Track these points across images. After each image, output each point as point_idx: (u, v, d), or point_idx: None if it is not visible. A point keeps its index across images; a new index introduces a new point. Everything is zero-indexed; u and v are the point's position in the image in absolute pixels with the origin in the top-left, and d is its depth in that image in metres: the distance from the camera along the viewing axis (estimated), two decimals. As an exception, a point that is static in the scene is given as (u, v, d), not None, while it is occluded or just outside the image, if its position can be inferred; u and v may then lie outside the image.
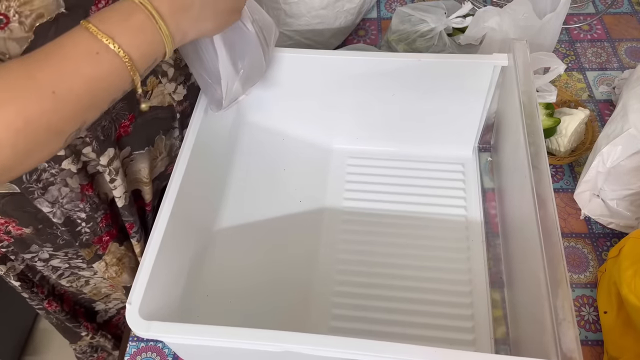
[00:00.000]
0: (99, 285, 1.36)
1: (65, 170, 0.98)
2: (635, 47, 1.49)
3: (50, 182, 0.98)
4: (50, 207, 1.01)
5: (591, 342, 1.01)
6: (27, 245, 1.12)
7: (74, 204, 1.04)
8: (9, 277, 1.19)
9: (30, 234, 1.08)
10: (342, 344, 0.71)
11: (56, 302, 1.33)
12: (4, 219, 1.04)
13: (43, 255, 1.17)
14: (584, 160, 1.15)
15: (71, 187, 1.01)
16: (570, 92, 1.38)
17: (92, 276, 1.31)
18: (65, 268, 1.24)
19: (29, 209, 1.02)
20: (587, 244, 1.13)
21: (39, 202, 0.99)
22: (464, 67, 1.03)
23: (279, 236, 1.11)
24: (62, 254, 1.18)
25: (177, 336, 0.75)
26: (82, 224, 1.09)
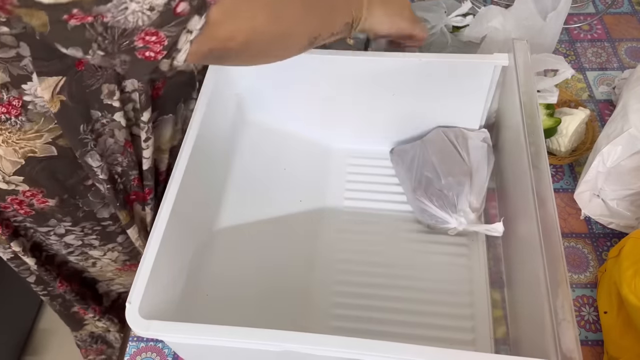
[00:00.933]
0: (105, 268, 1.38)
1: (116, 122, 1.01)
2: (635, 47, 1.49)
3: (100, 132, 1.01)
4: (99, 161, 1.03)
5: (591, 342, 1.01)
6: (46, 219, 1.13)
7: (114, 157, 1.06)
8: (26, 254, 1.19)
9: (53, 206, 1.09)
10: (342, 343, 0.71)
11: (67, 283, 1.34)
12: (32, 190, 1.04)
13: (59, 230, 1.18)
14: (584, 160, 1.15)
15: (116, 138, 1.04)
16: (571, 92, 1.37)
17: (101, 257, 1.32)
18: (77, 245, 1.25)
19: (59, 175, 1.03)
20: (587, 244, 1.13)
21: (91, 155, 1.01)
22: (465, 67, 1.03)
23: (279, 235, 1.11)
24: (78, 229, 1.18)
25: (177, 335, 0.75)
26: (117, 179, 1.11)
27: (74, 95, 0.92)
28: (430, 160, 1.09)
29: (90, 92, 0.95)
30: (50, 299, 1.41)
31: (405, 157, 1.15)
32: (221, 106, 1.06)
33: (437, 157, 1.09)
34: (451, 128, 1.13)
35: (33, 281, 1.31)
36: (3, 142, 0.94)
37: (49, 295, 1.38)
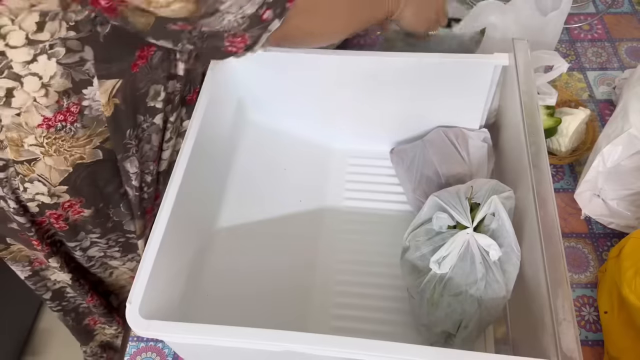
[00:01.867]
0: (120, 277, 1.39)
1: (155, 125, 1.04)
2: (635, 47, 1.49)
3: (141, 137, 1.03)
4: (137, 168, 1.05)
5: (591, 342, 1.01)
6: (76, 233, 1.14)
7: (146, 164, 1.08)
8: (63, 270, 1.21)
9: (86, 217, 1.10)
10: (343, 343, 0.71)
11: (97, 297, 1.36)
12: (71, 201, 1.05)
13: (85, 244, 1.19)
14: (585, 160, 1.14)
15: (152, 144, 1.06)
16: (571, 92, 1.37)
17: (119, 266, 1.33)
18: (99, 257, 1.26)
19: (100, 182, 1.05)
20: (587, 244, 1.13)
21: (130, 161, 1.03)
22: (465, 67, 1.03)
23: (279, 235, 1.11)
24: (104, 241, 1.20)
25: (177, 335, 0.75)
26: (145, 188, 1.12)
27: (127, 98, 0.94)
28: (430, 160, 1.09)
29: (139, 95, 0.97)
30: (64, 314, 1.41)
31: (405, 157, 1.15)
32: (221, 106, 1.06)
33: (437, 157, 1.09)
34: (451, 128, 1.13)
35: (49, 297, 1.32)
36: (55, 152, 0.94)
37: (63, 310, 1.39)
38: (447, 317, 0.88)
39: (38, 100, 0.85)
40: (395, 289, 1.03)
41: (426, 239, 0.90)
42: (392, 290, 1.03)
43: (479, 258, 0.85)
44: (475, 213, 0.88)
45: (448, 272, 0.86)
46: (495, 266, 0.84)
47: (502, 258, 0.85)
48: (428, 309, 0.90)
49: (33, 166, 0.96)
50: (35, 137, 0.91)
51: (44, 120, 0.88)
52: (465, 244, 0.85)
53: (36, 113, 0.87)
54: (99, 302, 1.37)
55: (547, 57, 1.12)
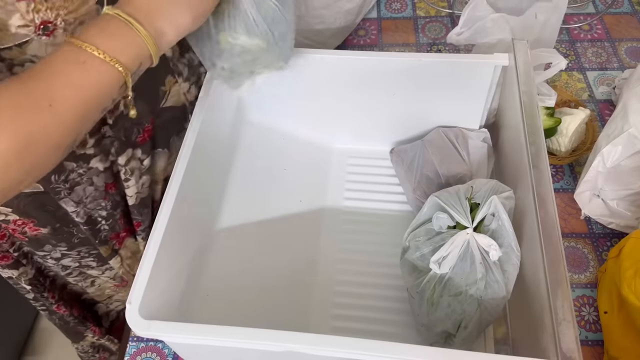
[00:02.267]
0: (103, 285, 1.38)
1: (93, 169, 1.01)
2: (635, 47, 1.49)
3: (77, 182, 1.01)
4: (74, 207, 1.03)
5: (591, 342, 1.01)
6: (41, 244, 1.14)
7: (96, 202, 1.07)
8: (21, 282, 1.20)
9: (46, 234, 1.10)
10: (343, 343, 0.71)
11: (65, 307, 1.34)
12: (22, 220, 1.05)
13: (55, 254, 1.18)
14: (584, 160, 1.15)
15: (96, 185, 1.04)
16: (571, 92, 1.38)
17: (100, 275, 1.32)
18: (74, 267, 1.25)
19: (49, 207, 1.04)
20: (587, 244, 1.13)
21: (65, 202, 1.01)
22: (465, 67, 1.03)
23: (279, 236, 1.11)
24: (75, 253, 1.19)
25: (177, 335, 0.75)
26: (102, 221, 1.11)
27: None
28: (430, 160, 1.09)
29: None
30: (49, 314, 1.41)
31: (405, 157, 1.15)
32: (221, 107, 1.06)
33: (437, 157, 1.09)
34: (451, 128, 1.14)
35: (32, 298, 1.31)
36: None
37: (48, 310, 1.39)
38: (447, 317, 0.88)
39: None
40: (395, 289, 1.03)
41: (426, 239, 0.90)
42: (392, 290, 1.03)
43: (478, 258, 0.85)
44: (475, 213, 0.88)
45: (448, 272, 0.86)
46: (495, 266, 0.84)
47: (502, 258, 0.85)
48: (428, 309, 0.90)
49: None
50: None
51: None
52: (465, 244, 0.86)
53: None
54: (68, 312, 1.36)
55: (545, 54, 1.12)
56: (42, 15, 0.76)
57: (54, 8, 0.77)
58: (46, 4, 0.76)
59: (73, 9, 0.79)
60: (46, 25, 0.78)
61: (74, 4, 0.80)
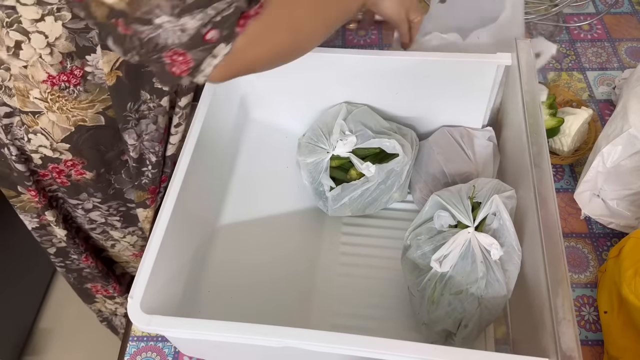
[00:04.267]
0: (122, 252, 1.41)
1: (162, 107, 1.05)
2: (635, 47, 1.49)
3: (145, 115, 1.05)
4: (135, 140, 1.06)
5: (591, 342, 1.01)
6: (78, 192, 1.17)
7: (152, 143, 1.10)
8: (53, 226, 1.23)
9: (88, 180, 1.13)
10: (342, 340, 0.71)
11: (92, 259, 1.37)
12: (74, 160, 1.08)
13: (87, 205, 1.21)
14: (586, 160, 1.15)
15: (159, 125, 1.08)
16: (573, 92, 1.38)
17: (120, 239, 1.35)
18: (100, 223, 1.28)
19: (102, 147, 1.07)
20: (587, 244, 1.13)
21: (128, 132, 1.05)
22: (468, 66, 1.03)
23: (281, 232, 1.11)
24: (105, 207, 1.22)
25: (178, 330, 0.75)
26: (149, 166, 1.13)
27: (130, 73, 0.96)
28: (436, 159, 1.09)
29: (145, 72, 0.98)
30: (67, 271, 1.44)
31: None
32: (224, 104, 1.06)
33: (443, 157, 1.09)
34: (456, 127, 1.14)
35: (53, 252, 1.35)
36: (58, 109, 0.98)
37: (66, 268, 1.42)
38: (448, 316, 0.88)
39: (43, 57, 0.89)
40: (396, 287, 1.03)
41: (427, 238, 0.91)
42: (393, 288, 1.03)
43: (480, 257, 0.85)
44: (476, 212, 0.88)
45: (449, 271, 0.87)
46: (496, 265, 0.85)
47: (503, 257, 0.85)
48: (428, 308, 0.90)
49: (37, 119, 0.99)
50: (40, 92, 0.95)
51: (49, 78, 0.92)
52: (466, 243, 0.86)
53: (41, 69, 0.91)
54: (94, 265, 1.39)
55: (534, 42, 1.12)
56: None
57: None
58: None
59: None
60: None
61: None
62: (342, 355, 0.73)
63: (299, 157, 1.09)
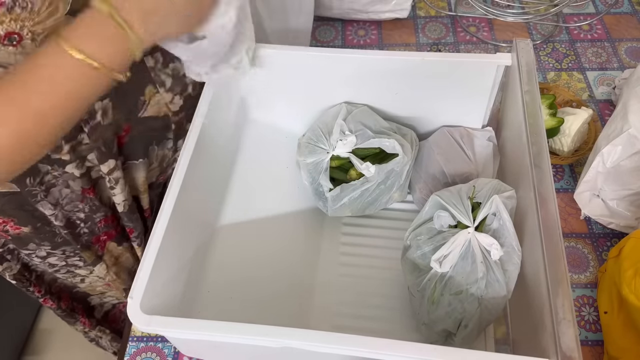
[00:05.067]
0: (94, 283, 1.37)
1: (68, 174, 1.00)
2: (635, 47, 1.49)
3: (52, 184, 1.00)
4: (52, 210, 1.03)
5: (591, 342, 1.01)
6: (25, 242, 1.13)
7: (73, 204, 1.06)
8: (5, 276, 1.20)
9: (28, 232, 1.09)
10: (342, 340, 0.71)
11: (52, 300, 1.34)
12: (2, 219, 1.05)
13: (40, 253, 1.18)
14: (586, 160, 1.15)
15: (72, 188, 1.03)
16: (572, 92, 1.38)
17: (88, 275, 1.31)
18: (62, 265, 1.25)
19: (27, 207, 1.03)
20: (587, 244, 1.13)
21: (42, 205, 1.01)
22: (467, 67, 1.03)
23: (281, 233, 1.11)
24: (59, 252, 1.18)
25: (178, 331, 0.75)
26: (80, 224, 1.11)
27: None
28: (436, 159, 1.09)
29: None
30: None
31: (411, 157, 1.15)
32: (224, 105, 1.06)
33: (443, 157, 1.09)
34: (456, 127, 1.13)
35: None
36: None
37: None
38: (448, 316, 0.88)
39: None
40: (396, 287, 1.03)
41: (427, 238, 0.91)
42: (393, 288, 1.03)
43: (480, 257, 0.85)
44: (476, 212, 0.88)
45: (449, 271, 0.87)
46: (496, 266, 0.85)
47: (503, 258, 0.85)
48: (428, 308, 0.90)
49: None
50: None
51: None
52: (466, 243, 0.86)
53: None
54: (55, 306, 1.36)
55: None
56: (6, 27, 0.76)
57: (18, 20, 0.77)
58: (9, 15, 0.76)
59: (40, 20, 0.78)
60: (11, 36, 0.78)
61: (41, 15, 0.79)
62: (342, 356, 0.73)
63: (298, 158, 1.09)
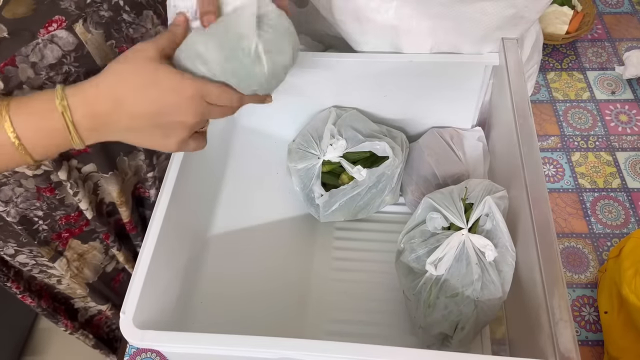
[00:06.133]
0: (72, 286, 1.34)
1: (19, 173, 0.98)
2: (635, 47, 1.49)
3: (3, 182, 0.98)
4: (4, 206, 1.01)
5: (591, 342, 1.01)
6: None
7: (29, 202, 1.04)
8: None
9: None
10: (339, 349, 0.70)
11: (31, 298, 1.31)
12: None
13: (8, 251, 1.16)
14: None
15: (26, 187, 1.01)
16: (575, 93, 1.38)
17: (63, 276, 1.29)
18: (32, 264, 1.22)
19: None
20: (587, 244, 1.12)
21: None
22: (455, 67, 1.02)
23: (273, 240, 1.11)
24: (27, 250, 1.16)
25: (172, 345, 0.74)
26: (39, 221, 1.08)
27: None
28: (426, 161, 1.08)
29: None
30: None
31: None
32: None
33: (433, 158, 1.08)
34: (446, 128, 1.13)
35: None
36: None
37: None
38: (444, 319, 0.88)
39: None
40: (391, 291, 1.03)
41: (421, 241, 0.90)
42: (388, 292, 1.03)
43: (474, 259, 0.84)
44: (469, 214, 0.88)
45: (444, 274, 0.86)
46: (491, 267, 0.84)
47: (497, 259, 0.85)
48: (424, 311, 0.89)
49: None
50: None
51: None
52: (460, 245, 0.85)
53: None
54: (35, 304, 1.33)
55: None
56: None
57: None
58: None
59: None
60: None
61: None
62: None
63: (289, 163, 1.09)
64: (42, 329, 2.27)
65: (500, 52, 0.99)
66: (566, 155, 1.26)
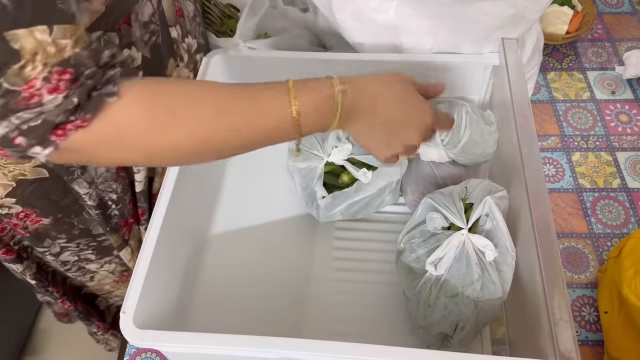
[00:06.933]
0: (102, 281, 1.37)
1: None
2: (635, 47, 1.49)
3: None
4: (87, 188, 1.02)
5: (591, 342, 1.01)
6: (41, 239, 1.13)
7: (107, 184, 1.06)
8: (26, 276, 1.21)
9: (47, 225, 1.09)
10: (339, 348, 0.70)
11: (70, 302, 1.34)
12: (25, 211, 1.04)
13: (54, 250, 1.18)
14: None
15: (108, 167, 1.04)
16: (575, 92, 1.38)
17: (98, 270, 1.31)
18: (73, 262, 1.25)
19: (53, 196, 1.03)
20: (587, 244, 1.12)
21: (78, 182, 1.01)
22: (456, 67, 1.03)
23: (273, 239, 1.11)
24: (74, 245, 1.18)
25: (172, 345, 0.74)
26: (112, 205, 1.10)
27: None
28: (426, 161, 1.08)
29: None
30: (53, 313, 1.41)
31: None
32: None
33: None
34: None
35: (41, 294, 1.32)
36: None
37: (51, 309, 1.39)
38: (444, 319, 0.88)
39: None
40: (391, 291, 1.02)
41: (421, 241, 0.90)
42: (388, 292, 1.03)
43: (474, 259, 0.84)
44: (469, 214, 0.88)
45: (444, 274, 0.86)
46: (491, 267, 0.84)
47: (497, 259, 0.85)
48: (425, 311, 0.89)
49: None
50: None
51: None
52: (460, 245, 0.85)
53: None
54: (72, 307, 1.36)
55: None
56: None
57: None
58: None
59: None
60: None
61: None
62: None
63: (290, 163, 1.09)
64: (42, 329, 2.27)
65: (500, 52, 0.99)
66: (566, 155, 1.26)
